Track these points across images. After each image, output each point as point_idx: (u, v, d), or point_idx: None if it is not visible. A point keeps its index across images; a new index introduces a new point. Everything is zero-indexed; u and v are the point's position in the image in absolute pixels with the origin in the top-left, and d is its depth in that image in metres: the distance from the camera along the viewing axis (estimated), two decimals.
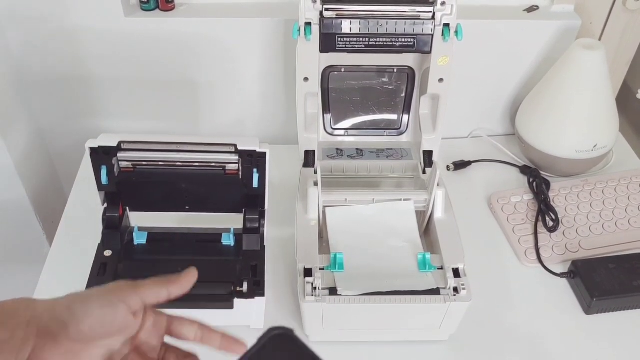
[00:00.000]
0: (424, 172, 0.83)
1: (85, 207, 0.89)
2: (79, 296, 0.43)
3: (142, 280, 0.44)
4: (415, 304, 0.66)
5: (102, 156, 0.68)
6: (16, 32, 0.89)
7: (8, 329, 0.41)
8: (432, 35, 0.75)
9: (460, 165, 0.98)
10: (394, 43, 0.75)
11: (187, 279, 0.45)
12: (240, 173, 0.70)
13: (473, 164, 0.99)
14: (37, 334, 0.41)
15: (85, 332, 0.42)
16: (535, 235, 0.86)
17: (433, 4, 0.73)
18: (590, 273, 0.78)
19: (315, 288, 0.66)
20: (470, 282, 0.67)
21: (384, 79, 0.85)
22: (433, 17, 0.74)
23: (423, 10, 0.74)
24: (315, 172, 0.78)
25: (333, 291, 0.67)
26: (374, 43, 0.75)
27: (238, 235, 0.74)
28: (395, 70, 0.84)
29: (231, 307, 0.69)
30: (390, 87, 0.85)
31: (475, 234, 0.85)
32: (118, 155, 0.69)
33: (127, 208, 0.76)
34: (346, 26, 0.74)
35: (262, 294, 0.70)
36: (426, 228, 0.79)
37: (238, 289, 0.69)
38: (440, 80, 0.78)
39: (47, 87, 0.96)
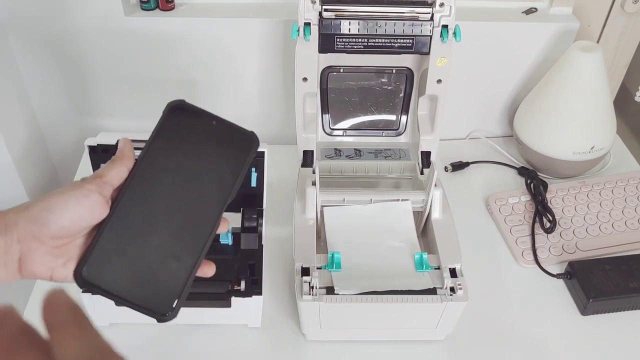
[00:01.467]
0: (422, 173, 0.83)
1: None
2: (54, 195, 0.44)
3: (100, 170, 0.47)
4: (412, 304, 0.66)
5: (101, 154, 0.69)
6: (17, 31, 0.89)
7: None
8: (431, 36, 0.75)
9: (458, 166, 0.99)
10: (392, 44, 0.76)
11: (128, 147, 0.48)
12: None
13: (471, 165, 0.99)
14: (19, 240, 0.43)
15: (67, 227, 0.44)
16: (532, 236, 0.86)
17: (432, 5, 0.74)
18: (587, 274, 0.79)
19: (312, 287, 0.66)
20: (467, 282, 0.68)
21: (383, 80, 0.85)
22: (432, 19, 0.74)
23: (422, 11, 0.74)
24: (314, 172, 0.78)
25: (330, 290, 0.67)
26: (372, 44, 0.76)
27: (236, 234, 0.74)
28: (394, 71, 0.84)
29: (229, 305, 0.69)
30: (389, 88, 0.86)
31: (472, 234, 0.86)
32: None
33: None
34: (345, 27, 0.74)
35: (260, 293, 0.70)
36: (423, 228, 0.79)
37: (236, 287, 0.70)
38: (439, 81, 0.79)
39: (46, 85, 0.96)
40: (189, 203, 0.47)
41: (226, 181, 0.47)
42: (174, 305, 0.45)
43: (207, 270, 0.48)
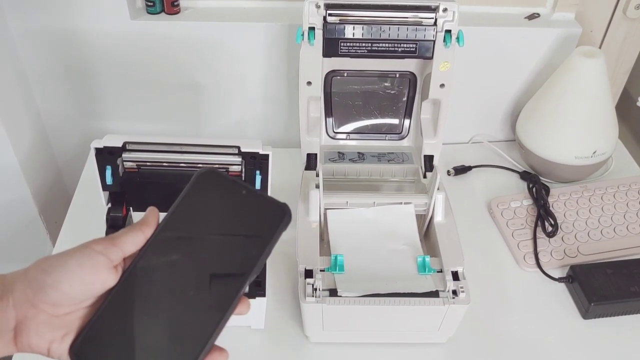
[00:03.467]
0: (425, 177, 0.83)
1: (89, 207, 0.89)
2: (54, 257, 0.40)
3: (116, 233, 0.42)
4: (415, 306, 0.67)
5: (107, 156, 0.69)
6: (23, 35, 0.90)
7: None
8: (434, 41, 0.76)
9: (461, 170, 0.99)
10: (396, 48, 0.76)
11: (153, 217, 0.44)
12: (243, 175, 0.71)
13: (473, 169, 1.00)
14: (14, 306, 0.39)
15: (66, 293, 0.40)
16: (534, 240, 0.86)
17: (435, 10, 0.74)
18: (588, 278, 0.79)
19: (315, 289, 0.67)
20: (469, 286, 0.68)
21: (386, 84, 0.86)
22: (435, 24, 0.75)
23: (425, 16, 0.75)
24: (317, 175, 0.78)
25: (333, 292, 0.67)
26: (376, 48, 0.76)
27: None
28: (397, 75, 0.84)
29: None
30: (392, 92, 0.86)
31: (474, 238, 0.86)
32: (123, 155, 0.69)
33: (131, 208, 0.77)
34: (349, 31, 0.75)
35: (263, 295, 0.70)
36: (426, 231, 0.80)
37: None
38: (442, 85, 0.79)
39: (52, 87, 0.97)
40: (206, 279, 0.42)
41: (250, 256, 0.42)
42: None
43: (217, 356, 0.42)
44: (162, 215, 0.45)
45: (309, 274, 0.69)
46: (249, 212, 0.43)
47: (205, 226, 0.43)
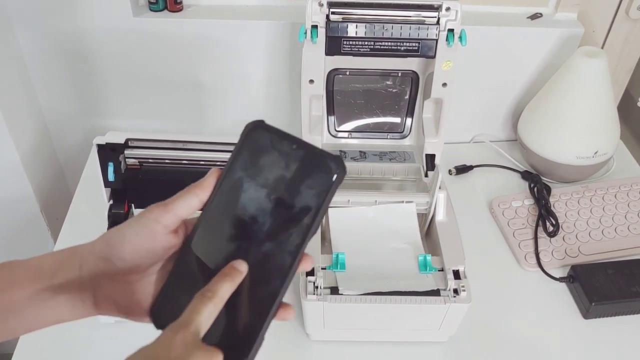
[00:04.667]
0: (426, 175, 0.83)
1: (91, 204, 0.90)
2: (115, 229, 0.42)
3: (171, 198, 0.42)
4: (416, 305, 0.67)
5: (109, 153, 0.69)
6: (25, 31, 0.90)
7: (63, 275, 0.42)
8: (437, 40, 0.76)
9: (462, 169, 0.99)
10: (398, 47, 0.76)
11: (211, 179, 0.43)
12: None
13: (475, 169, 1.00)
14: (91, 276, 0.42)
15: (130, 261, 0.41)
16: (535, 240, 0.86)
17: (438, 9, 0.74)
18: (589, 278, 0.79)
19: (317, 287, 0.67)
20: (470, 284, 0.68)
21: (388, 83, 0.86)
22: (438, 23, 0.75)
23: (428, 15, 0.75)
24: None
25: (334, 290, 0.67)
26: (379, 47, 0.76)
27: None
28: (400, 74, 0.84)
29: None
30: (394, 91, 0.86)
31: (475, 237, 0.86)
32: (125, 152, 0.70)
33: (133, 205, 0.77)
34: (352, 30, 0.75)
35: None
36: (427, 230, 0.80)
37: None
38: (444, 84, 0.79)
39: (54, 85, 0.97)
40: (267, 236, 0.42)
41: (307, 214, 0.41)
42: (249, 355, 0.41)
43: (287, 314, 0.42)
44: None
45: (310, 272, 0.69)
46: (303, 167, 0.41)
47: (263, 182, 0.42)
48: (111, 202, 0.75)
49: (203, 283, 0.41)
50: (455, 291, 0.68)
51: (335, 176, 0.41)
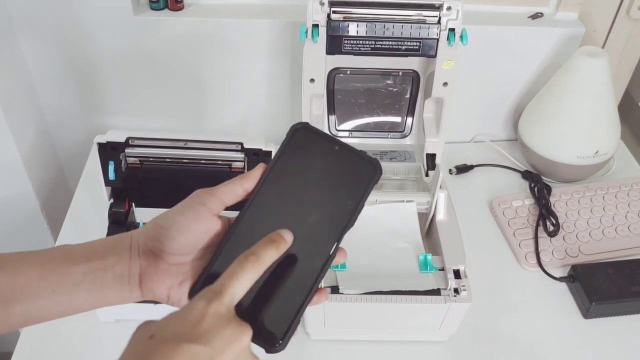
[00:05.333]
0: (427, 175, 0.83)
1: (91, 203, 0.90)
2: (163, 213, 0.45)
3: (216, 186, 0.45)
4: (416, 304, 0.67)
5: (109, 151, 0.69)
6: (26, 30, 0.90)
7: (115, 255, 0.44)
8: (438, 39, 0.76)
9: (463, 169, 0.99)
10: (399, 46, 0.76)
11: (258, 171, 0.46)
12: (246, 171, 0.71)
13: (475, 168, 1.00)
14: (140, 256, 0.44)
15: (177, 240, 0.43)
16: (535, 240, 0.86)
17: (439, 8, 0.74)
18: (590, 278, 0.79)
19: None
20: (470, 284, 0.68)
21: (389, 82, 0.86)
22: (439, 22, 0.75)
23: (429, 14, 0.74)
24: None
25: (335, 290, 0.67)
26: (379, 46, 0.76)
27: None
28: (400, 73, 0.84)
29: None
30: (395, 90, 0.86)
31: (476, 237, 0.86)
32: (126, 151, 0.70)
33: (133, 204, 0.77)
34: (353, 29, 0.75)
35: None
36: (428, 230, 0.80)
37: None
38: (445, 84, 0.79)
39: (55, 83, 0.97)
40: (306, 230, 0.45)
41: (345, 210, 0.45)
42: (283, 338, 0.43)
43: (321, 297, 0.45)
44: None
45: None
46: (342, 167, 0.46)
47: (303, 180, 0.46)
48: (112, 200, 0.75)
49: None
50: (456, 290, 0.68)
51: (372, 176, 0.45)
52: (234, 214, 0.46)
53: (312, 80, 0.79)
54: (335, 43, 0.76)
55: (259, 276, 0.41)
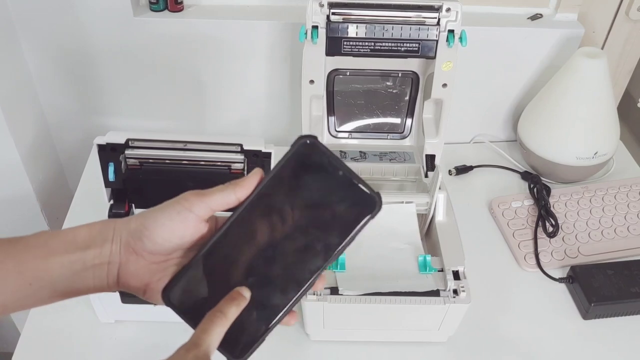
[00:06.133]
0: (426, 176, 0.83)
1: (91, 204, 0.90)
2: (151, 211, 0.44)
3: (209, 189, 0.45)
4: (415, 305, 0.67)
5: (109, 153, 0.69)
6: (27, 31, 0.90)
7: (96, 246, 0.44)
8: (437, 40, 0.76)
9: (462, 170, 0.99)
10: (399, 48, 0.76)
11: (252, 180, 0.44)
12: (246, 172, 0.71)
13: (475, 169, 1.00)
14: (121, 251, 0.44)
15: (160, 243, 0.44)
16: (534, 240, 0.87)
17: (438, 10, 0.74)
18: (589, 278, 0.79)
19: None
20: (469, 285, 0.68)
21: (388, 83, 0.86)
22: (438, 23, 0.75)
23: (428, 16, 0.75)
24: None
25: (334, 291, 0.67)
26: (379, 47, 0.76)
27: None
28: (400, 75, 0.85)
29: None
30: (394, 91, 0.86)
31: (475, 238, 0.86)
32: (125, 152, 0.70)
33: (133, 205, 0.77)
34: (352, 30, 0.75)
35: None
36: (427, 231, 0.80)
37: None
38: (444, 85, 0.79)
39: (55, 84, 0.97)
40: (290, 251, 0.44)
41: (335, 239, 0.43)
42: (246, 353, 0.44)
43: (290, 320, 0.45)
44: None
45: None
46: (342, 193, 0.43)
47: (298, 199, 0.44)
48: (112, 202, 0.75)
49: (219, 277, 0.44)
50: (455, 292, 0.68)
51: (371, 210, 0.43)
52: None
53: (311, 81, 0.79)
54: (335, 44, 0.76)
55: (226, 328, 0.42)
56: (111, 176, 0.70)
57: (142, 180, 0.72)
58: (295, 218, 0.44)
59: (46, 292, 0.44)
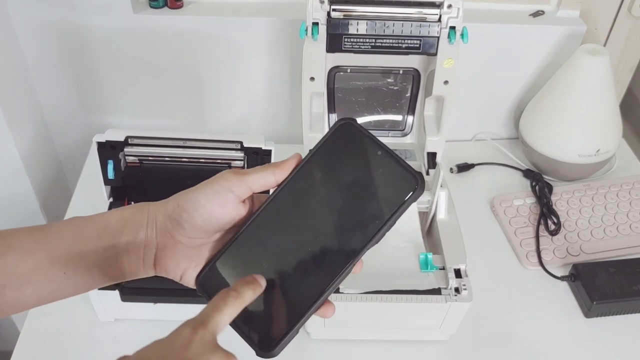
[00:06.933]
0: (427, 174, 0.83)
1: (90, 202, 0.89)
2: (187, 192, 0.43)
3: (247, 169, 0.43)
4: (417, 303, 0.67)
5: (109, 150, 0.69)
6: (25, 28, 0.89)
7: (130, 232, 0.43)
8: (438, 37, 0.75)
9: (464, 167, 0.99)
10: (400, 44, 0.76)
11: (292, 162, 0.43)
12: None
13: (476, 167, 0.99)
14: (157, 236, 0.43)
15: (199, 225, 0.42)
16: (536, 238, 0.86)
17: (439, 6, 0.74)
18: (591, 276, 0.79)
19: None
20: (471, 283, 0.68)
21: (389, 80, 0.85)
22: (439, 20, 0.74)
23: (429, 12, 0.74)
24: None
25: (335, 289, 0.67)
26: (380, 44, 0.76)
27: None
28: (401, 72, 0.84)
29: None
30: (396, 88, 0.86)
31: (477, 236, 0.86)
32: (125, 150, 0.69)
33: (132, 203, 0.76)
34: (353, 27, 0.75)
35: None
36: (429, 229, 0.79)
37: None
38: (445, 82, 0.79)
39: (54, 82, 0.97)
40: (329, 235, 0.42)
41: (374, 223, 0.41)
42: (276, 346, 0.41)
43: (327, 311, 0.43)
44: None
45: None
46: (382, 174, 0.42)
47: (338, 179, 0.42)
48: (111, 199, 0.75)
49: (253, 263, 0.42)
50: (457, 290, 0.67)
51: (412, 192, 0.41)
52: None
53: (312, 78, 0.79)
54: (336, 41, 0.75)
55: (240, 310, 0.40)
56: (110, 174, 0.70)
57: (141, 178, 0.72)
58: (334, 200, 0.42)
59: (81, 280, 0.43)
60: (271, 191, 0.44)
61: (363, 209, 0.42)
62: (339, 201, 0.42)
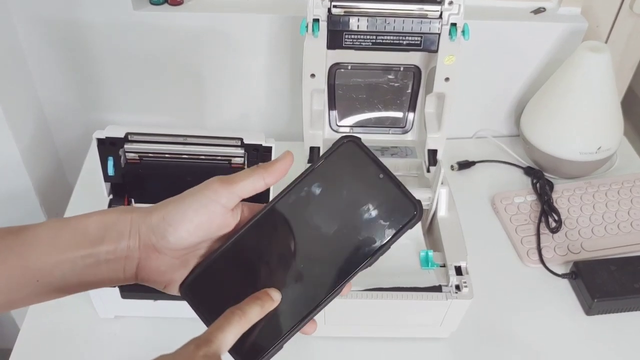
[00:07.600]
0: (428, 171, 0.83)
1: (90, 198, 0.89)
2: (173, 204, 0.41)
3: (234, 175, 0.41)
4: (417, 301, 0.67)
5: (109, 147, 0.69)
6: (25, 25, 0.89)
7: (111, 241, 0.41)
8: (439, 34, 0.75)
9: (464, 165, 0.99)
10: (401, 41, 0.76)
11: (282, 164, 0.42)
12: (246, 167, 0.71)
13: (477, 164, 0.99)
14: (140, 246, 0.41)
15: (185, 238, 0.41)
16: (537, 236, 0.86)
17: (441, 3, 0.74)
18: (592, 274, 0.79)
19: None
20: (472, 280, 0.68)
21: (390, 77, 0.85)
22: (440, 16, 0.74)
23: (431, 9, 0.74)
24: None
25: None
26: (381, 41, 0.76)
27: None
28: (402, 69, 0.84)
29: None
30: (396, 85, 0.86)
31: (477, 233, 0.85)
32: (125, 146, 0.69)
33: (133, 200, 0.76)
34: (354, 23, 0.74)
35: None
36: (429, 226, 0.79)
37: None
38: (446, 79, 0.79)
39: (54, 78, 0.96)
40: (321, 254, 0.41)
41: (368, 247, 0.41)
42: (259, 359, 0.41)
43: (309, 329, 0.43)
44: None
45: None
46: (380, 197, 0.41)
47: (336, 199, 0.42)
48: (111, 196, 0.75)
49: (241, 274, 0.42)
50: (457, 287, 0.67)
51: (410, 220, 0.41)
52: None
53: (312, 75, 0.78)
54: (336, 38, 0.75)
55: (246, 329, 0.39)
56: (110, 170, 0.70)
57: (141, 175, 0.72)
58: (329, 220, 0.41)
59: (55, 288, 0.41)
60: (271, 196, 0.43)
61: (359, 232, 0.41)
62: (335, 221, 0.41)
